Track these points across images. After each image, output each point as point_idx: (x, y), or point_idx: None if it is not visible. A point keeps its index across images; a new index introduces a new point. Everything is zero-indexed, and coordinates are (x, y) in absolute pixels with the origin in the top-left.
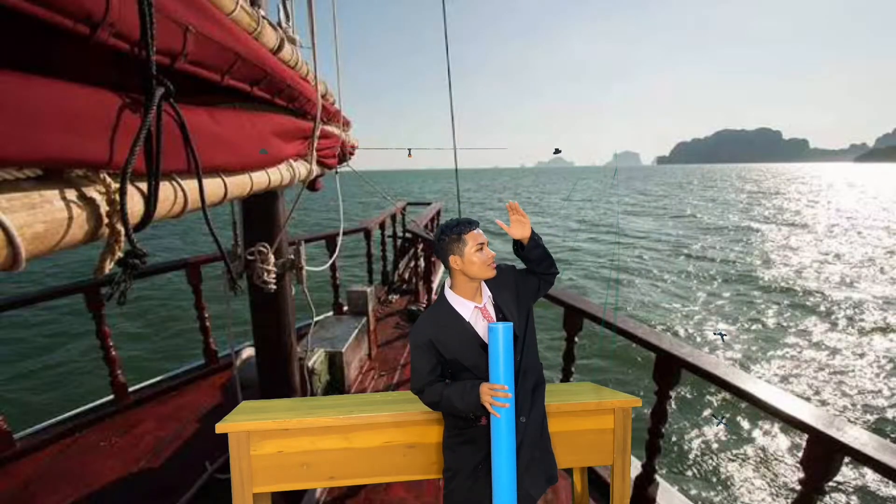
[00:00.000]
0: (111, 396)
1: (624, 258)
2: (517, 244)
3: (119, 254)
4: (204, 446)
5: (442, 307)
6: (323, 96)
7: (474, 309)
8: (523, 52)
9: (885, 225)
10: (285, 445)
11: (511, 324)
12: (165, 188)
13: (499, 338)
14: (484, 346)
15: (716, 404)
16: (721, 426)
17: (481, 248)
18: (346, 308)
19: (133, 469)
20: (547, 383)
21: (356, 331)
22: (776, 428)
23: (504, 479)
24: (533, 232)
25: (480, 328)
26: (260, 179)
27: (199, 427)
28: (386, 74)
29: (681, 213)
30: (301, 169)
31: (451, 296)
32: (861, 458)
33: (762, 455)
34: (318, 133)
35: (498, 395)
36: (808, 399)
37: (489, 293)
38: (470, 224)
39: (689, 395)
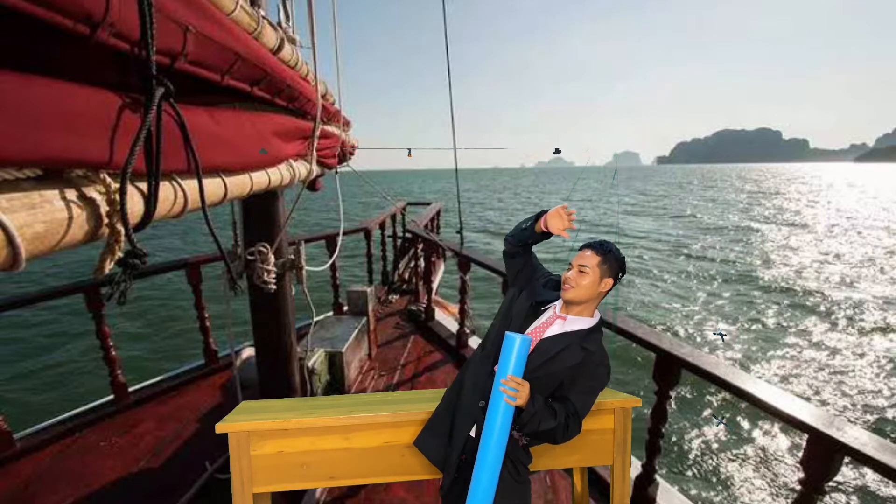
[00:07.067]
0: (111, 396)
1: None
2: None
3: (119, 254)
4: (204, 446)
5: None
6: (323, 96)
7: (553, 312)
8: (523, 52)
9: (885, 225)
10: (285, 445)
11: (529, 339)
12: (165, 188)
13: (513, 348)
14: (523, 321)
15: (716, 404)
16: (721, 426)
17: (569, 268)
18: (346, 308)
19: (133, 469)
20: None
21: (356, 331)
22: (776, 428)
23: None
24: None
25: (539, 321)
26: (260, 179)
27: (199, 427)
28: (386, 74)
29: (681, 213)
30: (301, 169)
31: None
32: (861, 458)
33: (762, 455)
34: (318, 133)
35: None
36: (808, 399)
37: (571, 327)
38: (585, 245)
39: (689, 395)
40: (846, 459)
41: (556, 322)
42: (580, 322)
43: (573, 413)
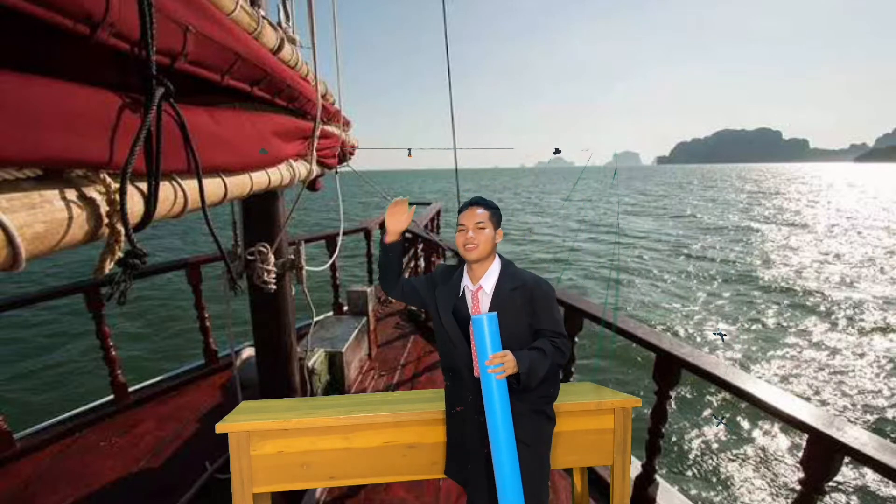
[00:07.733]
0: (111, 396)
1: (624, 258)
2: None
3: (119, 254)
4: (204, 446)
5: (458, 272)
6: (323, 96)
7: (469, 290)
8: (523, 52)
9: (885, 225)
10: (285, 445)
11: (495, 314)
12: (165, 188)
13: (483, 329)
14: (462, 326)
15: (716, 404)
16: (721, 426)
17: (462, 229)
18: (346, 308)
19: (133, 469)
20: None
21: (356, 331)
22: (776, 428)
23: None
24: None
25: (471, 310)
26: (260, 179)
27: (199, 427)
28: (386, 74)
29: (681, 213)
30: (301, 169)
31: (465, 268)
32: (861, 458)
33: (762, 455)
34: (318, 133)
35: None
36: (808, 399)
37: (494, 284)
38: (469, 204)
39: (689, 395)
40: (846, 459)
41: (479, 298)
42: (491, 276)
43: (553, 336)
